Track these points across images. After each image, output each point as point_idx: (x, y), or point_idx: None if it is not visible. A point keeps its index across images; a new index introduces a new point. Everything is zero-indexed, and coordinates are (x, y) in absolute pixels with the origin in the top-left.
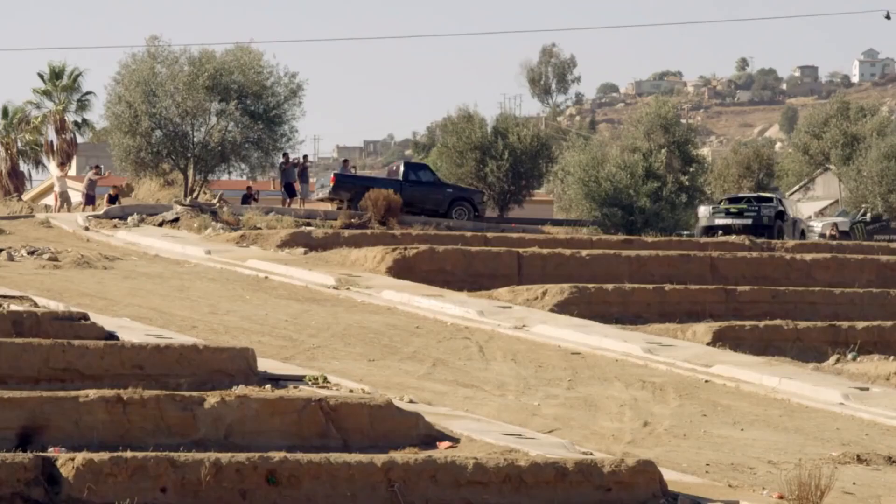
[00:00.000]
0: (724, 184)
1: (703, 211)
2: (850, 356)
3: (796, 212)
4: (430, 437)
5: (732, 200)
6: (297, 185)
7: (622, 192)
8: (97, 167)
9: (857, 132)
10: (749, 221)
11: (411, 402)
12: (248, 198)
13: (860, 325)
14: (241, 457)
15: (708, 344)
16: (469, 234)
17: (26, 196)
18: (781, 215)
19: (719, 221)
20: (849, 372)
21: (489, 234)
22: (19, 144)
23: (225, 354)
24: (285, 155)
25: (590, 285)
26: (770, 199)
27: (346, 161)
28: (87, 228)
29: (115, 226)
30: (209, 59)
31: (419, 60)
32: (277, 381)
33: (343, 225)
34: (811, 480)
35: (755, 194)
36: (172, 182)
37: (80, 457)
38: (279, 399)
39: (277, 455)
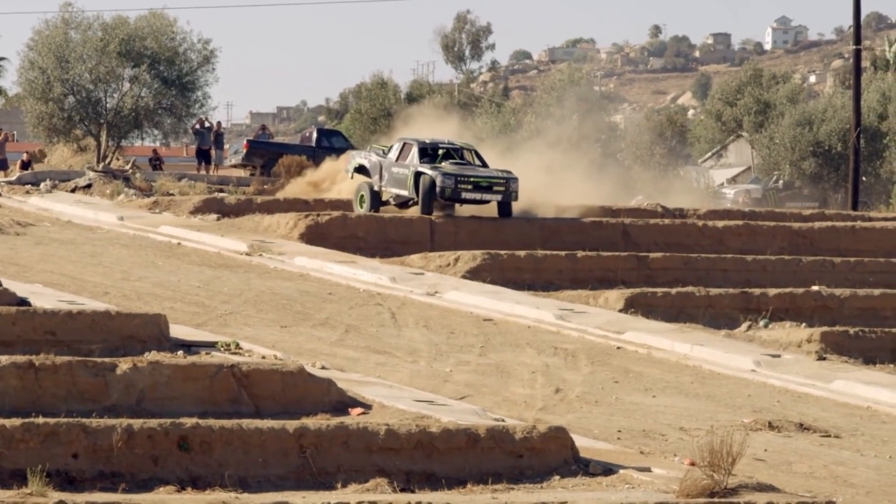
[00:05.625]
0: (637, 150)
1: (444, 181)
2: (761, 323)
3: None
4: (342, 403)
5: (431, 153)
6: (213, 151)
7: None
8: None
9: (770, 99)
10: (499, 197)
11: (323, 368)
12: (154, 162)
13: (772, 291)
14: (153, 423)
15: (620, 311)
16: None
17: None
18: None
19: (468, 196)
20: (760, 339)
21: None
22: None
23: (137, 320)
24: (199, 120)
25: (502, 252)
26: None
27: (263, 126)
28: None
29: (27, 192)
30: (122, 24)
31: (332, 27)
32: (189, 347)
33: (256, 191)
34: (723, 447)
35: (449, 143)
36: (85, 148)
37: None
38: (191, 365)
39: (189, 421)
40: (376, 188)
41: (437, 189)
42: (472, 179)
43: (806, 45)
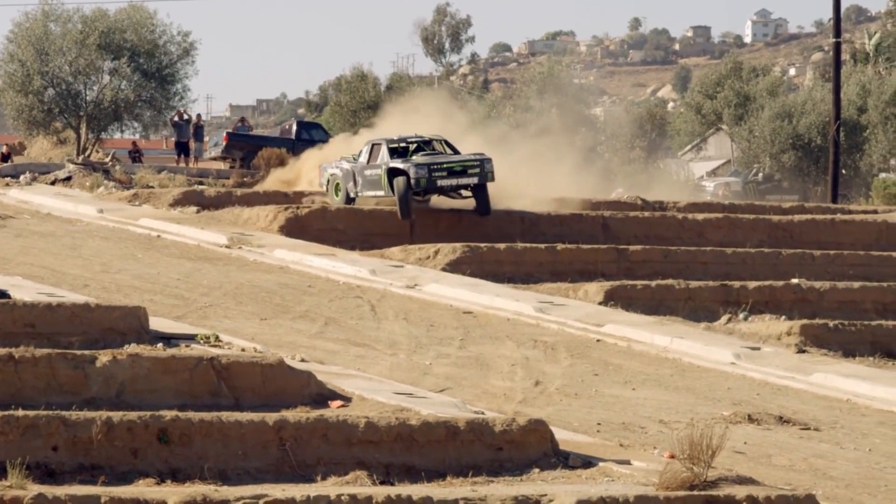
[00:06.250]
0: (616, 143)
1: (417, 172)
2: (741, 316)
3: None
4: (322, 395)
5: (401, 150)
6: (192, 144)
7: None
8: None
9: (750, 92)
10: (475, 180)
11: (303, 360)
12: (133, 154)
13: (752, 284)
14: (133, 415)
15: (599, 303)
16: None
17: None
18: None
19: (443, 183)
20: (740, 331)
21: None
22: None
23: (117, 313)
24: (178, 112)
25: (482, 245)
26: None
27: (242, 119)
28: None
29: (7, 184)
30: (101, 17)
31: (312, 19)
32: (169, 339)
33: (235, 184)
34: (702, 440)
35: (417, 136)
36: (65, 141)
37: None
38: (171, 358)
39: (169, 414)
40: (352, 195)
41: (412, 181)
42: (445, 166)
43: (786, 37)
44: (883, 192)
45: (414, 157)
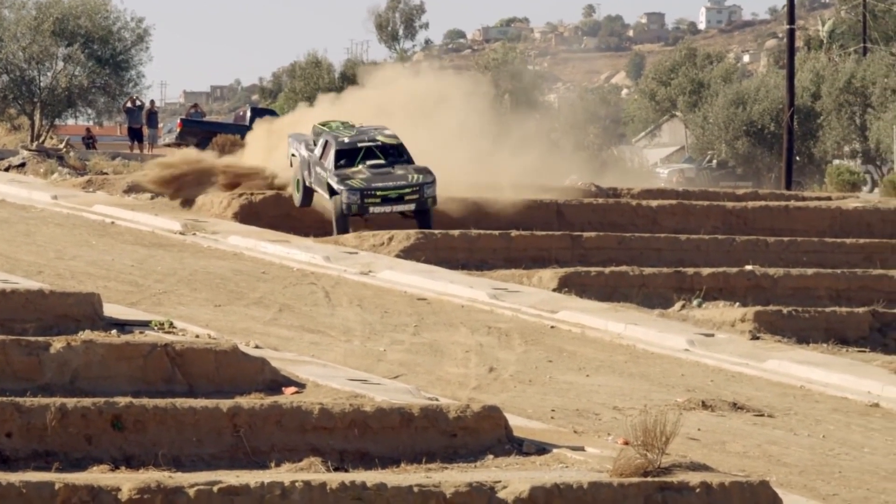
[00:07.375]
0: (570, 130)
1: (350, 197)
2: (695, 302)
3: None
4: (276, 382)
5: (352, 153)
6: (146, 130)
7: None
8: None
9: (704, 79)
10: (412, 207)
11: (257, 347)
12: (87, 140)
13: (706, 271)
14: (87, 402)
15: (554, 290)
16: None
17: None
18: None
19: (376, 210)
20: (694, 318)
21: None
22: None
23: (71, 299)
24: (130, 98)
25: (436, 231)
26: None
27: (195, 105)
28: None
29: None
30: (56, 3)
31: (266, 5)
32: (123, 326)
33: None
34: (656, 426)
35: (370, 139)
36: (19, 127)
37: None
38: (125, 344)
39: (123, 400)
40: (307, 184)
41: (343, 206)
42: (379, 193)
43: (740, 24)
44: (836, 179)
45: (354, 175)
